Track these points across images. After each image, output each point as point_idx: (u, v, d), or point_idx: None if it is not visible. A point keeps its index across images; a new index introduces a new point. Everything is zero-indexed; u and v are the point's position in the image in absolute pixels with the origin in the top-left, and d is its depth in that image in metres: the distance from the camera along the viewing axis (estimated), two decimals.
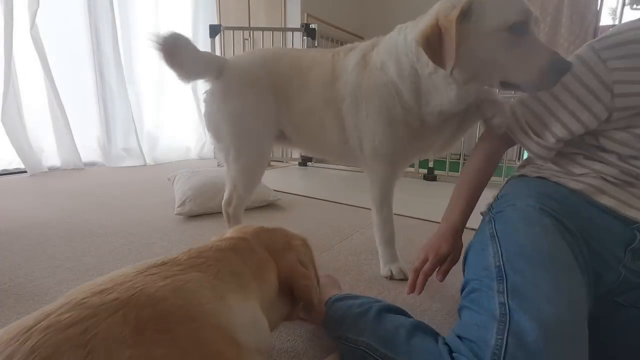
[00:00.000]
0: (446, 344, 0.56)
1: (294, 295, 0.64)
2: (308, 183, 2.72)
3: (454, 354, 0.53)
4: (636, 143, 0.67)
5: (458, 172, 2.75)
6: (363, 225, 1.63)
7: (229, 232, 0.68)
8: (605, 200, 0.68)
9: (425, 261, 0.83)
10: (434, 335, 0.60)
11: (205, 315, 0.39)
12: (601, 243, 0.66)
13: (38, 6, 2.50)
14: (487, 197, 0.88)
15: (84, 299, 0.36)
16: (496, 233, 0.67)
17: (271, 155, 3.59)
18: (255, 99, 1.11)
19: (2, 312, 0.90)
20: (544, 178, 0.76)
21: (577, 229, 0.66)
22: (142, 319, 0.35)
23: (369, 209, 1.15)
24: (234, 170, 1.16)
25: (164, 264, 0.46)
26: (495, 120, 0.82)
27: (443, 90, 0.87)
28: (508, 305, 0.53)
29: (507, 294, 0.54)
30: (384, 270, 1.13)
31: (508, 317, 0.51)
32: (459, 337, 0.55)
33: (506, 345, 0.48)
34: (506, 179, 0.90)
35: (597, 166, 0.71)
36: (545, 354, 0.46)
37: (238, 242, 0.60)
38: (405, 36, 0.95)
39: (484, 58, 0.77)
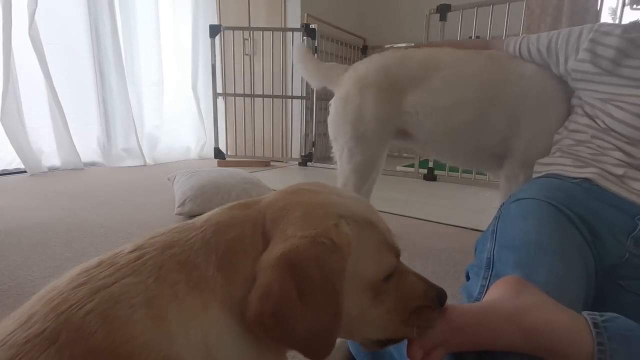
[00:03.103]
0: None
1: None
2: None
3: None
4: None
5: (458, 172, 2.75)
6: None
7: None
8: (610, 186, 0.75)
9: None
10: None
11: (141, 349, 0.31)
12: (604, 230, 0.71)
13: (36, 6, 2.50)
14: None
15: (9, 334, 0.31)
16: (496, 230, 0.73)
17: (272, 155, 3.60)
18: (373, 103, 1.15)
19: (2, 312, 0.90)
20: (549, 177, 0.84)
21: (580, 217, 0.71)
22: (76, 357, 0.30)
23: None
24: (346, 170, 1.24)
25: (100, 264, 0.36)
26: None
27: None
28: (488, 286, 0.60)
29: (489, 279, 0.62)
30: None
31: (485, 293, 0.58)
32: None
33: None
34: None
35: (595, 162, 0.80)
36: None
37: (225, 212, 0.42)
38: None
39: None
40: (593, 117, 0.87)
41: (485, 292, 0.60)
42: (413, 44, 4.39)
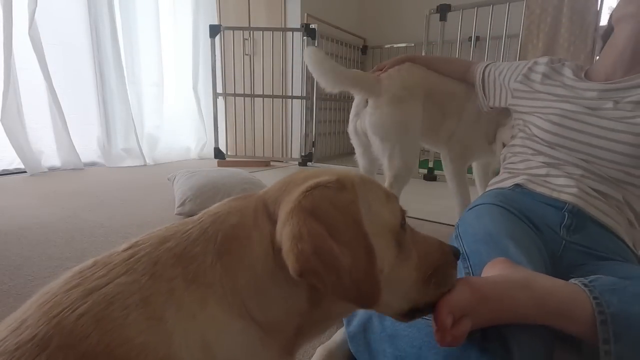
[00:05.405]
0: None
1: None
2: None
3: None
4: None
5: None
6: None
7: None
8: (535, 187, 0.90)
9: None
10: None
11: (138, 352, 0.30)
12: (541, 223, 0.83)
13: (36, 5, 2.50)
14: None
15: (0, 341, 0.30)
16: (459, 234, 0.83)
17: (272, 155, 3.61)
18: (419, 106, 1.37)
19: (2, 312, 0.90)
20: (489, 190, 1.00)
21: (522, 213, 0.84)
22: None
23: None
24: (396, 166, 1.39)
25: (94, 265, 0.35)
26: None
27: None
28: (472, 273, 0.68)
29: (470, 268, 0.70)
30: None
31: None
32: None
33: None
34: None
35: (524, 170, 0.96)
36: None
37: (224, 204, 0.41)
38: None
39: None
40: (524, 129, 1.04)
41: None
42: (413, 44, 4.38)
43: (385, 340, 0.64)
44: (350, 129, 1.47)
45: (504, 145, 1.24)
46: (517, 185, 0.93)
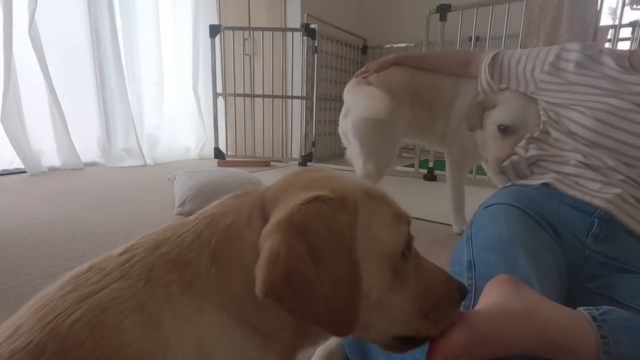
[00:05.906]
0: None
1: None
2: None
3: None
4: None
5: None
6: None
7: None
8: (566, 189, 0.81)
9: None
10: None
11: (134, 358, 0.29)
12: (564, 228, 0.75)
13: (36, 5, 2.50)
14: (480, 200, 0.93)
15: None
16: (470, 236, 0.76)
17: (272, 155, 3.61)
18: (396, 113, 1.32)
19: (2, 312, 0.90)
20: (511, 185, 0.91)
21: (542, 217, 0.76)
22: None
23: None
24: (370, 168, 1.43)
25: (89, 269, 0.34)
26: None
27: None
28: (475, 284, 0.62)
29: (474, 279, 0.64)
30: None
31: (474, 293, 0.60)
32: None
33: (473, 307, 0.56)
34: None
35: (555, 166, 0.88)
36: None
37: (221, 203, 0.40)
38: None
39: None
40: (555, 125, 0.93)
41: (474, 291, 0.61)
42: (413, 44, 4.38)
43: (379, 350, 0.63)
44: (340, 129, 1.50)
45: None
46: (544, 184, 0.84)
